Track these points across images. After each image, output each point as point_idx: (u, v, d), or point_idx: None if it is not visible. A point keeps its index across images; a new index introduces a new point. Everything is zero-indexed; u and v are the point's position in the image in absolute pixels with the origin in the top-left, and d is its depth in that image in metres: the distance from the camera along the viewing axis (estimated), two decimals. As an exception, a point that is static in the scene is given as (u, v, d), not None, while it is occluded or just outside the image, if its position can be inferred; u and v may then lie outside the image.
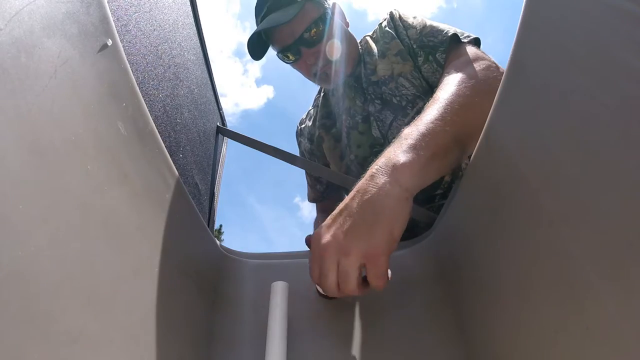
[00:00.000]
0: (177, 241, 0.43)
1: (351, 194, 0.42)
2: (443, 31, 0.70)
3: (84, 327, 0.23)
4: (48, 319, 0.21)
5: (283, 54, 0.81)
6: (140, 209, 0.36)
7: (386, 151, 0.44)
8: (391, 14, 0.82)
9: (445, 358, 0.41)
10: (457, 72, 0.56)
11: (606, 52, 0.26)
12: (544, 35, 0.33)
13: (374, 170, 0.42)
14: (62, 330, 0.22)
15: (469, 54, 0.62)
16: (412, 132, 0.45)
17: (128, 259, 0.31)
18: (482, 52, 0.64)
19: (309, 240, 0.65)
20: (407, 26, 0.77)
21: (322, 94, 0.94)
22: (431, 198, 0.74)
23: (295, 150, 1.05)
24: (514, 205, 0.34)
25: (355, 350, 0.42)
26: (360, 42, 0.86)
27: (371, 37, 0.85)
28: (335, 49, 0.78)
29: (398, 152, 0.43)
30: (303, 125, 1.02)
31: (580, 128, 0.27)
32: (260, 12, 0.80)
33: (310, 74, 0.83)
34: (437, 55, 0.69)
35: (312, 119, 0.97)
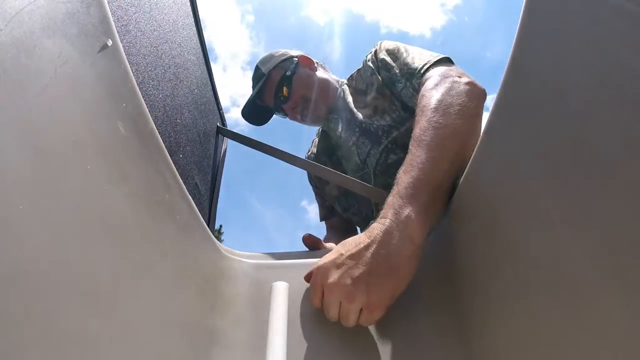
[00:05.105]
0: (177, 241, 0.43)
1: (364, 240, 0.44)
2: (418, 58, 0.74)
3: (84, 327, 0.23)
4: (48, 319, 0.21)
5: (277, 114, 1.02)
6: (140, 209, 0.36)
7: (390, 202, 0.46)
8: (376, 49, 0.85)
9: (445, 358, 0.41)
10: (428, 100, 0.58)
11: (606, 52, 0.26)
12: (544, 35, 0.33)
13: (387, 225, 0.43)
14: (62, 330, 0.22)
15: (435, 76, 0.65)
16: (409, 181, 0.47)
17: (128, 259, 0.31)
18: (450, 68, 0.66)
19: (306, 240, 0.66)
20: (390, 54, 0.81)
21: (320, 129, 1.00)
22: None
23: (299, 152, 1.06)
24: (514, 205, 0.34)
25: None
26: (348, 78, 0.93)
27: (357, 70, 0.90)
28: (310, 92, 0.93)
29: (404, 206, 0.44)
30: (309, 153, 1.05)
31: (580, 128, 0.27)
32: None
33: (300, 120, 0.97)
34: (413, 81, 0.72)
35: (315, 150, 1.01)
